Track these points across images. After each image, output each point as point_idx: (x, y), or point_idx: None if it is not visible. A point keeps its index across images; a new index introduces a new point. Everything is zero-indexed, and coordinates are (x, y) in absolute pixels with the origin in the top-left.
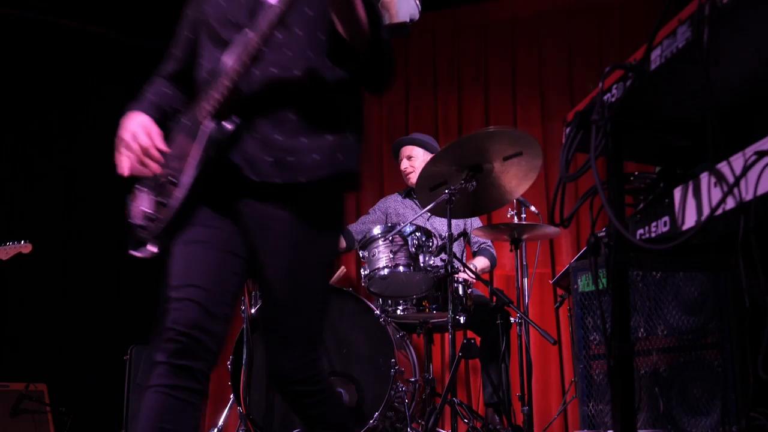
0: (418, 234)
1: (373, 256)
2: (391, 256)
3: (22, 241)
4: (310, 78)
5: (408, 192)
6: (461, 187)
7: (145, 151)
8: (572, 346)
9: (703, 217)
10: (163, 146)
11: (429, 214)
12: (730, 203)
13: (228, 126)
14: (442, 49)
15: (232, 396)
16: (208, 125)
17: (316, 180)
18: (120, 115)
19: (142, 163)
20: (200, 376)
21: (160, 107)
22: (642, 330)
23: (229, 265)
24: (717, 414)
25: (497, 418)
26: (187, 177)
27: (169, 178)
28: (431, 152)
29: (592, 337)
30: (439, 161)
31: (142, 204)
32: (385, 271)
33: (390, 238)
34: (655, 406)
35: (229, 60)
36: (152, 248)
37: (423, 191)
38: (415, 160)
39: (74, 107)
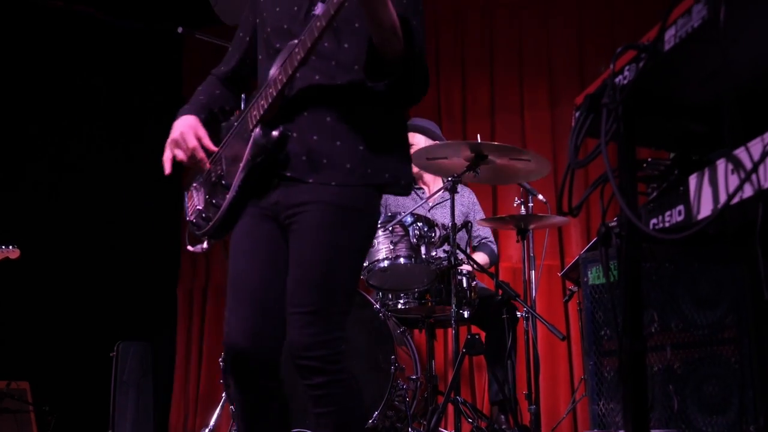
0: (419, 224)
1: (372, 247)
2: (392, 247)
3: (10, 246)
4: (351, 89)
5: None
6: (464, 174)
7: (193, 152)
8: (582, 341)
9: (720, 206)
10: (211, 145)
11: (430, 203)
12: (747, 191)
13: (274, 133)
14: (445, 29)
15: (224, 394)
16: (257, 132)
17: (346, 185)
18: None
19: (194, 161)
20: (268, 384)
21: (209, 108)
22: (655, 325)
23: (276, 274)
24: (734, 412)
25: (503, 417)
26: (237, 180)
27: (221, 180)
28: (433, 139)
29: (602, 333)
30: (440, 148)
31: (197, 202)
32: (385, 263)
33: (390, 228)
34: (669, 404)
35: (275, 69)
36: (205, 245)
37: (419, 160)
38: (416, 148)
39: (57, 108)
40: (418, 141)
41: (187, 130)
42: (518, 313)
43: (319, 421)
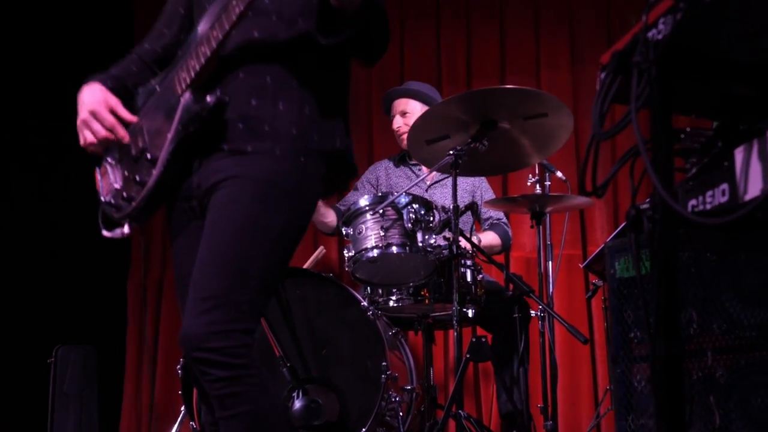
0: (415, 206)
1: (360, 233)
2: (382, 233)
3: None
4: (294, 45)
5: (402, 157)
6: (469, 147)
7: (112, 131)
8: (608, 345)
9: None
10: (128, 115)
11: (428, 181)
12: None
13: (209, 98)
14: None
15: (183, 408)
16: (187, 97)
17: (291, 154)
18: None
19: (109, 142)
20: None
21: (121, 81)
22: (694, 325)
23: None
24: None
25: None
26: (165, 153)
27: (146, 154)
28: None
29: (632, 335)
30: (440, 112)
31: (114, 180)
32: (375, 253)
33: (380, 211)
34: (710, 419)
35: (206, 25)
36: (125, 229)
37: (416, 145)
38: (411, 116)
39: None
40: (413, 108)
41: (97, 106)
42: (532, 311)
43: (225, 427)
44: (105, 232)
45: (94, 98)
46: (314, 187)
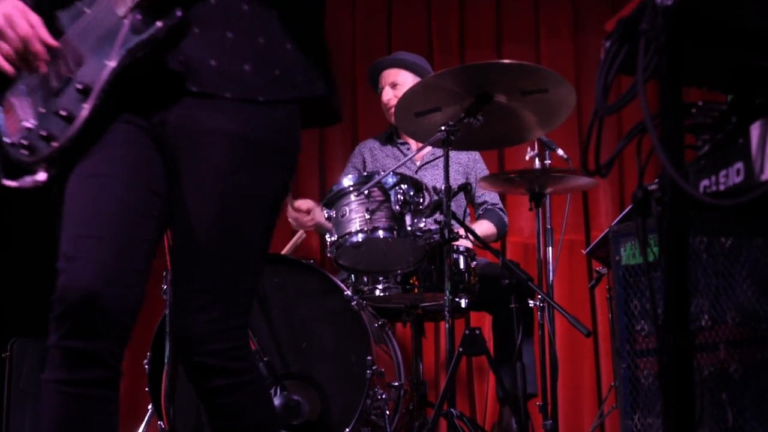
0: (403, 187)
1: (343, 216)
2: (367, 216)
3: None
4: None
5: (389, 135)
6: (462, 121)
7: (26, 43)
8: (612, 338)
9: None
10: (50, 39)
11: (418, 161)
12: None
13: (159, 24)
14: None
15: (150, 406)
16: (135, 17)
17: (276, 102)
18: None
19: (24, 60)
20: (109, 359)
21: (36, 1)
22: (706, 317)
23: (144, 204)
24: None
25: (515, 421)
26: (101, 82)
27: (73, 83)
28: (423, 77)
29: (638, 327)
30: (432, 84)
31: (24, 116)
32: (359, 237)
33: (366, 191)
34: (722, 417)
35: None
36: (40, 176)
37: (405, 118)
38: (403, 88)
39: None
40: (404, 79)
41: (12, 11)
42: (531, 301)
43: None
44: (8, 182)
45: (10, 4)
46: (299, 140)
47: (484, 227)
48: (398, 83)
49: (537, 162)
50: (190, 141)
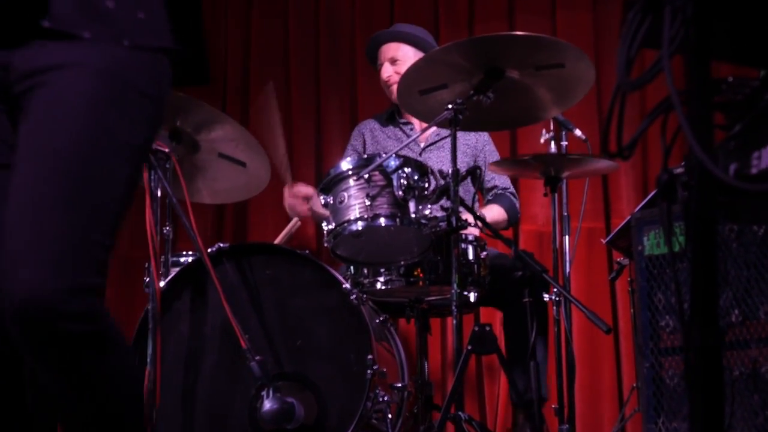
0: (407, 170)
1: (341, 203)
2: (368, 202)
3: None
4: None
5: (391, 115)
6: (471, 99)
7: None
8: (634, 335)
9: None
10: None
11: (422, 142)
12: None
13: None
14: None
15: None
16: None
17: (142, 47)
18: None
19: None
20: None
21: None
22: (736, 312)
23: None
24: None
25: (528, 427)
26: None
27: None
28: (426, 52)
29: (663, 323)
30: (437, 59)
31: None
32: (359, 225)
33: (366, 176)
34: (754, 422)
35: None
36: None
37: (408, 96)
38: (403, 64)
39: None
40: (404, 54)
41: None
42: (546, 295)
43: (72, 411)
44: None
45: None
46: (167, 96)
47: (493, 213)
48: (398, 59)
49: (552, 144)
50: (41, 79)
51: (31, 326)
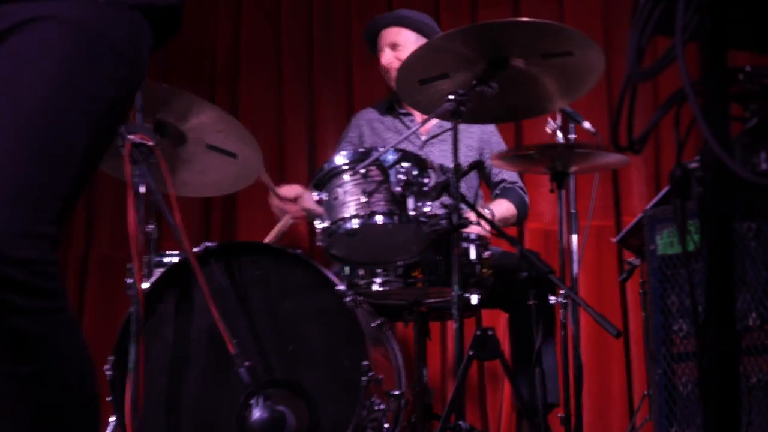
0: (405, 165)
1: (335, 199)
2: (364, 199)
3: None
4: None
5: (390, 105)
6: (473, 89)
7: None
8: (646, 340)
9: None
10: None
11: (423, 135)
12: None
13: None
14: None
15: (113, 419)
16: None
17: (118, 4)
18: None
19: None
20: None
21: None
22: (754, 315)
23: None
24: None
25: None
26: None
27: None
28: (428, 38)
29: (676, 327)
30: (438, 47)
31: None
32: (355, 223)
33: (362, 170)
34: None
35: None
36: None
37: (408, 86)
38: (405, 49)
39: None
40: (406, 40)
41: None
42: (552, 297)
43: (9, 390)
44: None
45: None
46: (145, 62)
47: (502, 207)
48: (399, 44)
49: (560, 136)
50: (6, 32)
51: None
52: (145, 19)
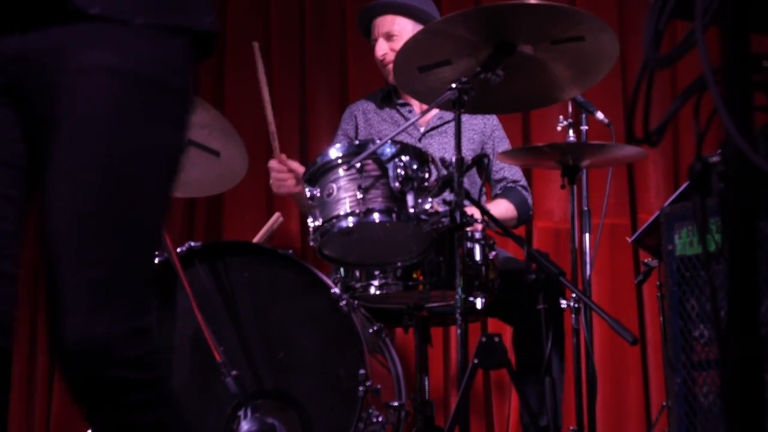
0: (404, 159)
1: (329, 195)
2: (360, 195)
3: None
4: None
5: (387, 95)
6: (477, 77)
7: None
8: (664, 347)
9: None
10: None
11: (422, 127)
12: None
13: None
14: None
15: None
16: None
17: (158, 29)
18: None
19: None
20: None
21: None
22: None
23: None
24: None
25: None
26: None
27: None
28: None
29: (696, 333)
30: (439, 31)
31: None
32: (350, 221)
33: (358, 165)
34: None
35: None
36: None
37: (406, 73)
38: (400, 39)
39: None
40: (402, 29)
41: None
42: (563, 301)
43: None
44: None
45: None
46: (195, 81)
47: (501, 209)
48: (394, 34)
49: (571, 129)
50: (59, 81)
51: (80, 373)
52: (184, 43)
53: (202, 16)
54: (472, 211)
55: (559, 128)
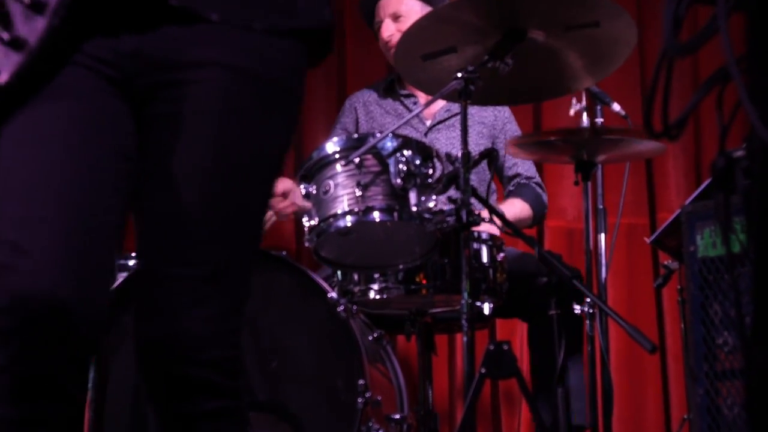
0: (407, 153)
1: (326, 193)
2: (359, 193)
3: None
4: None
5: (390, 85)
6: (485, 66)
7: None
8: (685, 355)
9: None
10: None
11: (428, 119)
12: None
13: None
14: None
15: None
16: None
17: (274, 31)
18: None
19: None
20: (72, 389)
21: None
22: None
23: (109, 173)
24: None
25: None
26: None
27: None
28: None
29: (720, 340)
30: (445, 16)
31: None
32: (348, 221)
33: (357, 159)
34: None
35: None
36: None
37: (409, 61)
38: (408, 20)
39: None
40: (409, 9)
41: None
42: (577, 306)
43: None
44: None
45: None
46: (304, 80)
47: (515, 208)
48: (402, 14)
49: (585, 120)
50: (174, 77)
51: (164, 368)
52: (300, 45)
53: (321, 9)
54: (479, 209)
55: (572, 112)
